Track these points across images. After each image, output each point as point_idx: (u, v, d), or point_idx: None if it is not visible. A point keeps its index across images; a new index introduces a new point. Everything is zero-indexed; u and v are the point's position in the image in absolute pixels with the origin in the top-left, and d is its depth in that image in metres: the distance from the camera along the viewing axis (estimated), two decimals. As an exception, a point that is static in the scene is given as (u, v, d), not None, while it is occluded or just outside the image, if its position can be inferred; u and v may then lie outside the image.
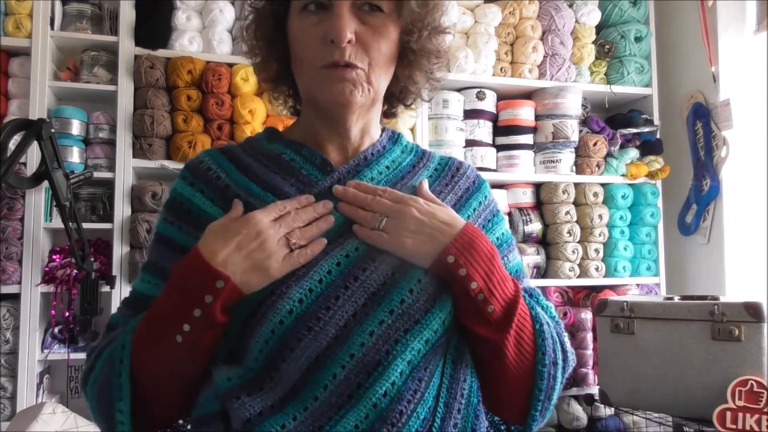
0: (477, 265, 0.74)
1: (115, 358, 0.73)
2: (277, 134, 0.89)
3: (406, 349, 0.72)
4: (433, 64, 0.86)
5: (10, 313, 2.01)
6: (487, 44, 2.45)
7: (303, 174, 0.82)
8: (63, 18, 2.22)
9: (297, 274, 0.73)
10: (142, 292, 0.82)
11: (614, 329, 2.01)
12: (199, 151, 2.13)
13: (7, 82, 2.13)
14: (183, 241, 0.80)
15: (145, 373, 0.73)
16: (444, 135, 2.40)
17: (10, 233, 2.01)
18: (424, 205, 0.77)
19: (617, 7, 2.65)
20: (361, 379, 0.70)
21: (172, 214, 0.82)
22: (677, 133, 2.67)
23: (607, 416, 2.45)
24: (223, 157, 0.85)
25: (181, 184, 0.83)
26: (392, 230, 0.75)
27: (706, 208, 2.51)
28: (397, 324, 0.72)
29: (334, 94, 0.77)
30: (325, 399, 0.70)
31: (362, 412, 0.69)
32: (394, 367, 0.71)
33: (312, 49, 0.77)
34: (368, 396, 0.70)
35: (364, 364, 0.70)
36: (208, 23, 2.25)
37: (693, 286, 2.60)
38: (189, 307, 0.70)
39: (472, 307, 0.74)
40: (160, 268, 0.81)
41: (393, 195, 0.78)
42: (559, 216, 2.49)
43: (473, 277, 0.73)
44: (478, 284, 0.73)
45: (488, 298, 0.73)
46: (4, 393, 2.00)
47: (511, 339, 0.74)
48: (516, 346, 0.75)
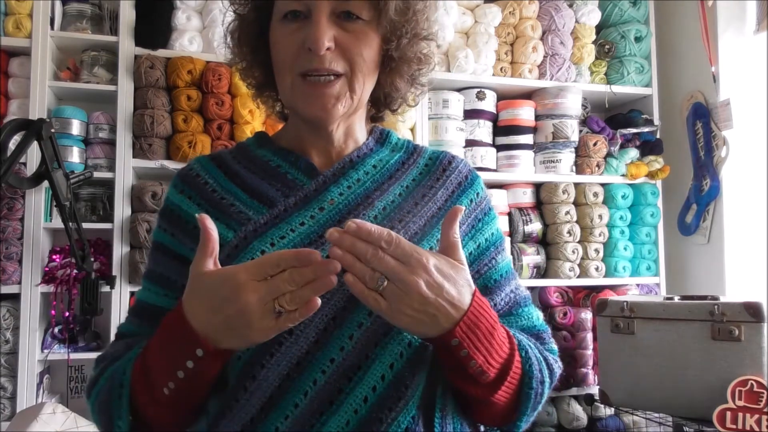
0: (479, 344, 0.68)
1: (115, 382, 0.73)
2: (267, 139, 0.90)
3: (386, 351, 0.71)
4: (415, 71, 0.85)
5: (10, 313, 2.01)
6: (487, 44, 2.45)
7: (288, 179, 0.83)
8: (63, 18, 2.22)
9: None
10: (145, 300, 0.84)
11: (614, 329, 2.01)
12: (199, 150, 2.14)
13: (7, 82, 2.13)
14: (176, 248, 0.82)
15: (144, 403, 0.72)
16: (444, 135, 2.39)
17: (10, 233, 2.01)
18: (435, 274, 0.65)
19: (617, 7, 2.65)
20: (342, 384, 0.70)
21: (165, 222, 0.85)
22: (677, 133, 2.67)
23: (607, 416, 2.45)
24: (212, 164, 0.86)
25: (172, 192, 0.86)
26: (392, 298, 0.64)
27: (706, 208, 2.51)
28: (376, 326, 0.71)
29: (316, 109, 0.78)
30: (306, 406, 0.69)
31: (343, 418, 0.69)
32: (374, 371, 0.70)
33: (291, 56, 0.77)
34: (348, 401, 0.69)
35: (344, 368, 0.70)
36: (208, 23, 2.25)
37: (693, 286, 2.60)
38: (177, 364, 0.67)
39: (468, 375, 0.70)
40: (158, 275, 0.83)
41: (399, 250, 0.64)
42: (559, 216, 2.49)
43: (474, 357, 0.68)
44: (478, 361, 0.69)
45: (486, 371, 0.70)
46: (4, 393, 2.00)
47: (501, 394, 0.73)
48: (505, 395, 0.74)
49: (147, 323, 0.81)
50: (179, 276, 0.80)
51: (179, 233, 0.82)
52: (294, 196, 0.80)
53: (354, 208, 0.80)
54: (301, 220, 0.78)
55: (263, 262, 0.63)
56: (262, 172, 0.84)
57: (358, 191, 0.82)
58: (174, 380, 0.67)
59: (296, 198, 0.80)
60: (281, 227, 0.78)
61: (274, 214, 0.79)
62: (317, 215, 0.79)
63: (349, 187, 0.82)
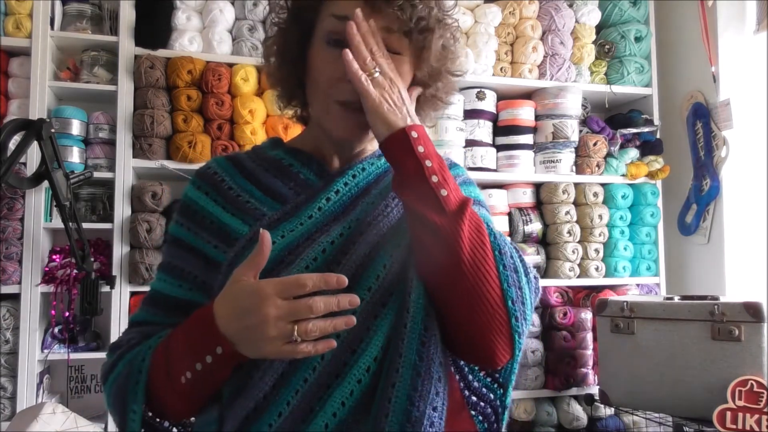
0: (433, 153, 0.76)
1: (134, 368, 0.78)
2: (280, 143, 0.95)
3: (386, 322, 0.76)
4: (441, 108, 0.93)
5: (10, 313, 2.01)
6: (487, 44, 2.45)
7: (300, 177, 0.87)
8: (63, 18, 2.22)
9: (285, 261, 0.78)
10: (159, 290, 0.88)
11: (614, 329, 2.01)
12: (199, 150, 2.14)
13: (7, 82, 2.13)
14: (192, 241, 0.86)
15: (161, 388, 0.76)
16: (444, 135, 2.39)
17: (10, 233, 2.01)
18: (406, 93, 0.80)
19: (617, 7, 2.65)
20: (346, 358, 0.75)
21: (182, 217, 0.88)
22: (677, 133, 2.67)
23: (607, 416, 2.45)
24: (229, 163, 0.91)
25: (190, 189, 0.90)
26: (379, 88, 0.76)
27: (706, 208, 2.51)
28: (375, 299, 0.77)
29: (346, 134, 0.83)
30: (315, 379, 0.74)
31: (347, 389, 0.74)
32: (375, 342, 0.75)
33: (331, 82, 0.81)
34: (353, 373, 0.74)
35: (348, 342, 0.75)
36: (208, 23, 2.25)
37: (693, 286, 2.60)
38: (197, 356, 0.72)
39: (426, 191, 0.74)
40: (173, 267, 0.87)
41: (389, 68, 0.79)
42: (559, 216, 2.49)
43: (429, 156, 0.75)
44: (433, 164, 0.74)
45: (441, 183, 0.74)
46: (4, 393, 2.00)
47: (466, 229, 0.73)
48: (471, 240, 0.73)
49: (161, 312, 0.86)
50: (194, 268, 0.85)
51: (196, 227, 0.86)
52: (304, 193, 0.85)
53: (365, 189, 0.86)
54: (310, 213, 0.83)
55: (289, 282, 0.68)
56: (275, 171, 0.88)
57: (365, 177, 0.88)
58: (192, 371, 0.72)
59: (306, 195, 0.85)
60: (292, 221, 0.82)
61: (286, 210, 0.84)
62: (324, 206, 0.84)
63: (354, 176, 0.87)
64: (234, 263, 0.78)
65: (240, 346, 0.69)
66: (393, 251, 0.80)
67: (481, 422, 0.88)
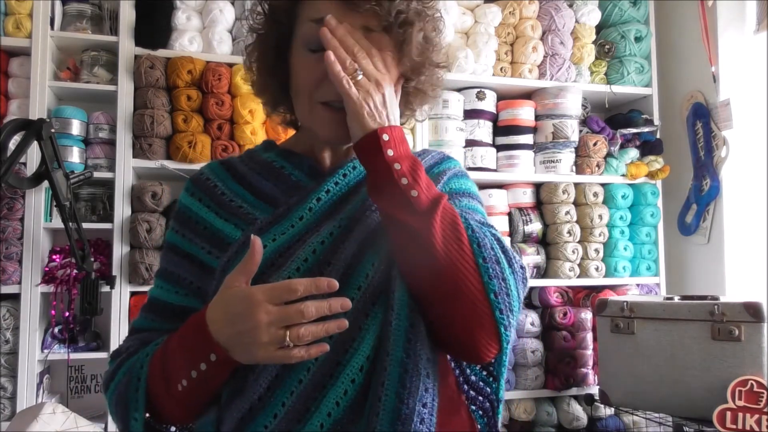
0: (404, 155, 0.75)
1: (133, 376, 0.79)
2: (273, 145, 0.95)
3: (377, 320, 0.76)
4: (429, 98, 0.90)
5: (10, 313, 2.01)
6: (487, 44, 2.45)
7: (292, 179, 0.87)
8: (63, 18, 2.22)
9: (276, 264, 0.77)
10: (157, 297, 0.89)
11: (614, 329, 2.01)
12: (198, 150, 2.14)
13: (7, 82, 2.13)
14: (186, 247, 0.87)
15: (159, 395, 0.78)
16: (444, 135, 2.40)
17: (10, 233, 2.01)
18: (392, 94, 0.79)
19: (617, 7, 2.65)
20: (339, 358, 0.75)
21: (177, 224, 0.89)
22: (677, 133, 2.67)
23: (607, 416, 2.45)
24: (222, 168, 0.91)
25: (184, 196, 0.90)
26: (362, 90, 0.75)
27: (706, 208, 2.51)
28: (365, 297, 0.77)
29: (331, 133, 0.82)
30: (310, 380, 0.75)
31: (341, 389, 0.74)
32: (367, 341, 0.75)
33: (313, 84, 0.80)
34: (346, 373, 0.75)
35: (341, 342, 0.75)
36: (208, 23, 2.25)
37: (693, 286, 2.60)
38: (192, 364, 0.73)
39: (396, 192, 0.74)
40: (169, 273, 0.88)
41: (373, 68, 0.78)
42: (559, 216, 2.49)
43: (399, 159, 0.74)
44: (403, 167, 0.74)
45: (412, 184, 0.73)
46: (4, 393, 2.00)
47: (438, 226, 0.72)
48: (444, 236, 0.72)
49: (159, 318, 0.87)
50: (189, 274, 0.86)
51: (190, 233, 0.87)
52: (296, 194, 0.85)
53: (355, 187, 0.86)
54: (301, 214, 0.83)
55: (279, 287, 0.68)
56: (267, 174, 0.89)
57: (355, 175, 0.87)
58: (187, 379, 0.73)
59: (298, 196, 0.85)
60: (283, 224, 0.82)
61: (278, 213, 0.83)
62: (315, 206, 0.83)
63: (344, 174, 0.87)
64: (227, 269, 0.78)
65: (233, 352, 0.70)
66: (381, 248, 0.80)
67: (481, 417, 0.89)
